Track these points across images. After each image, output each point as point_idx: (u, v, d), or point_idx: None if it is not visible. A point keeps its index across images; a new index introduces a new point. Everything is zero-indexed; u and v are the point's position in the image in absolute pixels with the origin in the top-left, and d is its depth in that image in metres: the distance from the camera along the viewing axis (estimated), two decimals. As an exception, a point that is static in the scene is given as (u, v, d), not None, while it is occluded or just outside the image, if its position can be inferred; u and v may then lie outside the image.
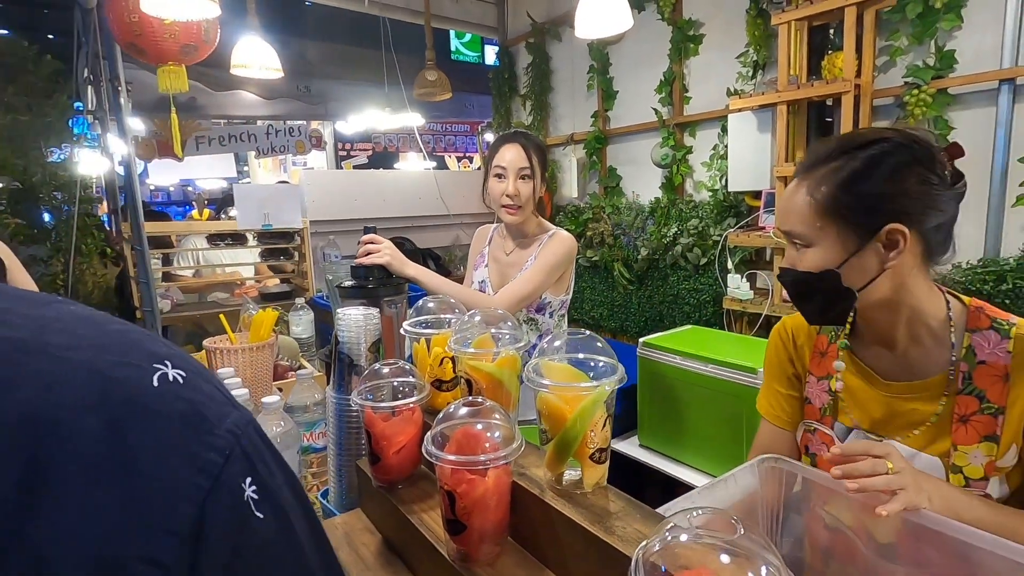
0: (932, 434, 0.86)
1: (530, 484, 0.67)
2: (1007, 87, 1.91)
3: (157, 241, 3.18)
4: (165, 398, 0.27)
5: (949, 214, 0.81)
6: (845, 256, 0.81)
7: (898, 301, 0.84)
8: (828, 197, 0.81)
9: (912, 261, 0.82)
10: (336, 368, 0.95)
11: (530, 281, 1.49)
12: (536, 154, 1.53)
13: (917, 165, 0.79)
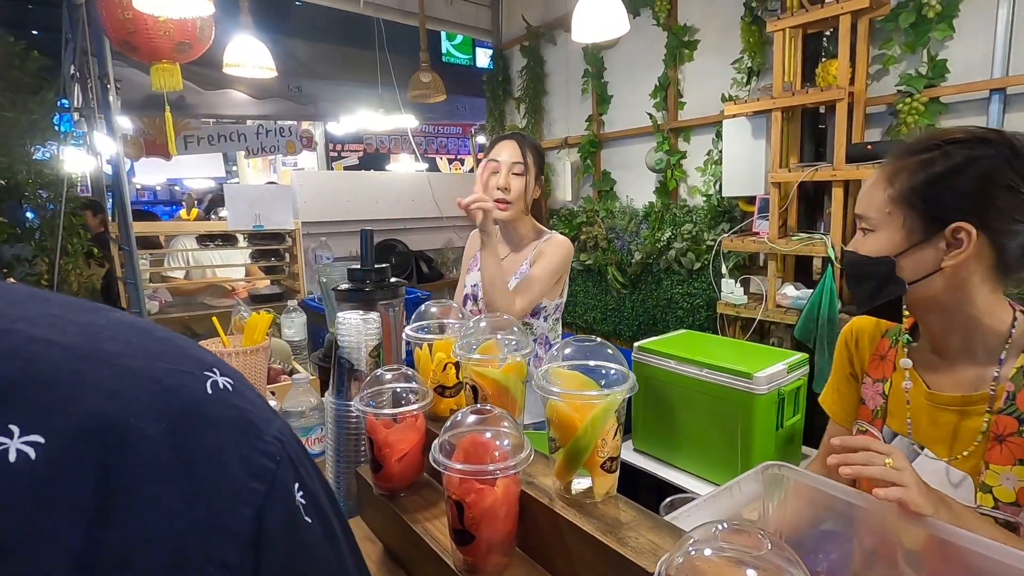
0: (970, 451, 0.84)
1: (539, 493, 0.66)
2: (997, 96, 1.94)
3: (145, 241, 3.14)
4: (219, 405, 0.27)
5: None
6: (906, 246, 0.80)
7: (954, 307, 0.82)
8: (905, 186, 0.80)
9: (979, 269, 0.79)
10: (335, 373, 0.94)
11: (538, 284, 1.50)
12: (531, 152, 1.54)
13: (1009, 170, 0.76)
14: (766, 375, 1.88)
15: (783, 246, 2.25)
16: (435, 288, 3.61)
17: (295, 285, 3.12)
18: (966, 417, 0.84)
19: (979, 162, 0.76)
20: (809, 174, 2.15)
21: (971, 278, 0.79)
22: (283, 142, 5.16)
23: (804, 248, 2.20)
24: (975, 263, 0.78)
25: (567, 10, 2.32)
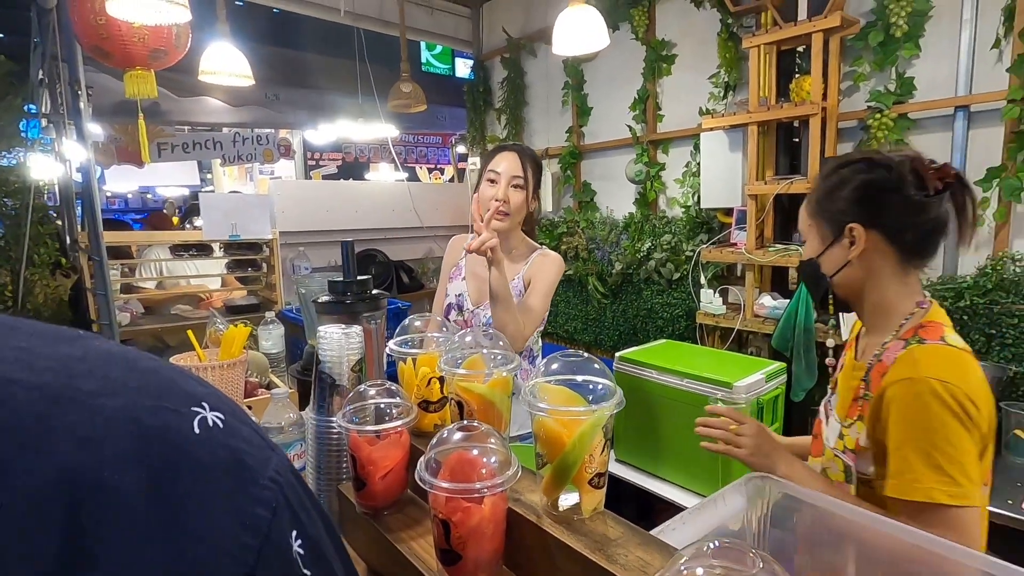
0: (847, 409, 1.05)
1: (526, 510, 0.65)
2: (962, 113, 2.01)
3: (116, 251, 3.05)
4: (208, 447, 0.24)
5: (919, 220, 0.93)
6: (822, 248, 1.01)
7: (868, 291, 0.99)
8: (814, 202, 1.02)
9: (885, 261, 0.96)
10: (316, 388, 0.92)
11: (541, 310, 1.50)
12: (531, 166, 1.55)
13: (877, 179, 0.94)
14: (745, 384, 1.90)
15: (760, 257, 2.30)
16: (415, 298, 3.58)
17: (272, 296, 3.07)
18: (853, 381, 1.02)
19: (861, 176, 0.96)
20: (784, 187, 2.20)
21: (881, 268, 0.96)
22: (260, 150, 5.10)
23: (780, 259, 2.24)
24: (879, 256, 0.96)
25: (547, 23, 2.34)
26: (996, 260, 1.92)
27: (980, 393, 0.85)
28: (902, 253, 0.95)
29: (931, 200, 0.91)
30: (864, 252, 0.95)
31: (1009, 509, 1.47)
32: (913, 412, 0.86)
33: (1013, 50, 1.88)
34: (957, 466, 0.82)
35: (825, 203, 1.00)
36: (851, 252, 0.96)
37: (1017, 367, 1.80)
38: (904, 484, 0.85)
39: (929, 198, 0.91)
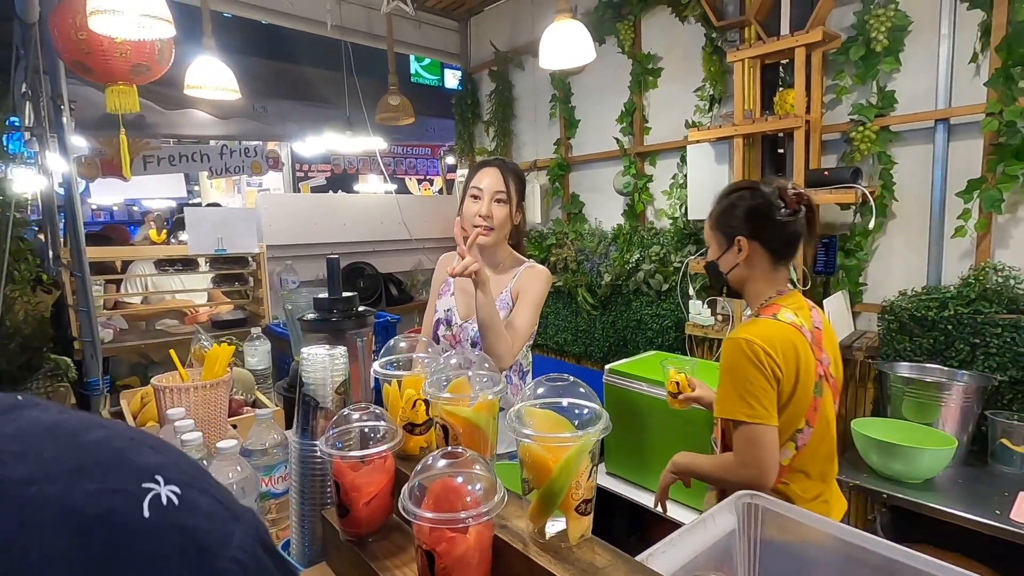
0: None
1: (512, 538, 0.64)
2: (942, 126, 2.04)
3: (100, 266, 3.01)
4: (159, 532, 0.22)
5: (783, 233, 1.24)
6: (719, 254, 1.31)
7: (747, 284, 1.30)
8: (713, 219, 1.32)
9: (761, 261, 1.27)
10: (300, 411, 0.90)
11: (528, 326, 1.50)
12: (514, 180, 1.55)
13: (756, 204, 1.25)
14: (735, 397, 1.90)
15: (747, 268, 2.30)
16: (405, 311, 3.56)
17: (259, 310, 3.03)
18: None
19: (746, 202, 1.26)
20: (770, 198, 2.22)
21: (758, 266, 1.27)
22: (248, 162, 5.07)
23: (767, 270, 2.26)
24: (758, 258, 1.27)
25: (534, 36, 2.36)
26: (979, 270, 1.94)
27: (779, 350, 1.16)
28: (773, 256, 1.27)
29: (792, 218, 1.23)
30: (748, 256, 1.27)
31: (997, 520, 1.48)
32: (727, 360, 1.20)
33: (990, 64, 1.92)
34: (753, 397, 1.15)
35: (721, 220, 1.30)
36: (739, 257, 1.27)
37: (1001, 376, 1.82)
38: (720, 407, 1.20)
39: (790, 216, 1.23)
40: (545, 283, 1.55)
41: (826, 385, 1.23)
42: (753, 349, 1.14)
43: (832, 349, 1.30)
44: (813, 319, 1.27)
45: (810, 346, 1.20)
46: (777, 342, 1.16)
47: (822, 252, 2.19)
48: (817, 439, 1.22)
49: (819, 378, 1.21)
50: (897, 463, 1.69)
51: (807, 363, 1.18)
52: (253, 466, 1.06)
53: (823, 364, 1.23)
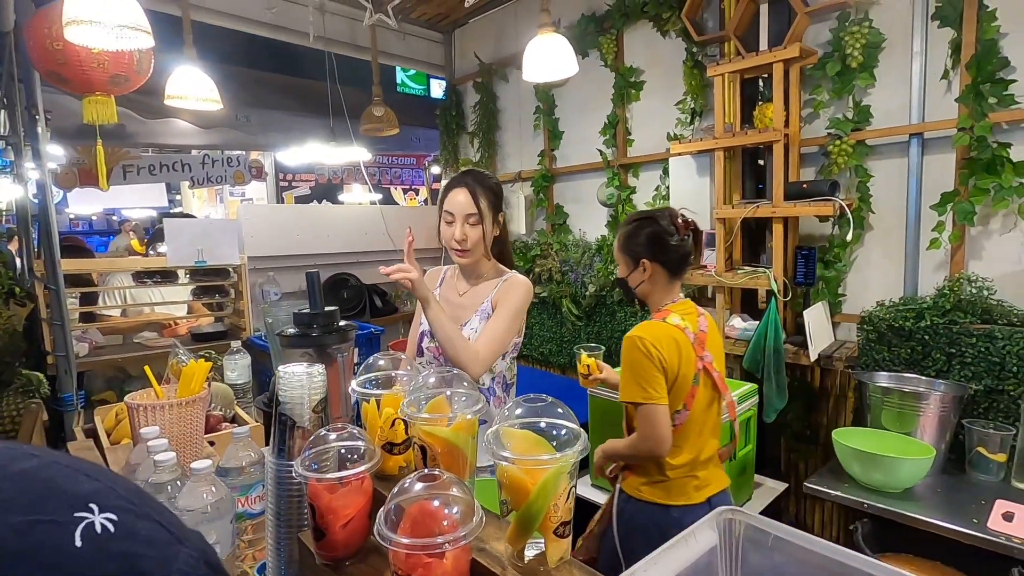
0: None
1: (491, 561, 0.63)
2: (916, 140, 2.09)
3: (77, 278, 2.95)
4: (92, 561, 0.21)
5: (676, 254, 1.51)
6: (627, 273, 1.57)
7: (650, 296, 1.56)
8: (619, 243, 1.57)
9: (660, 277, 1.52)
10: (276, 431, 0.88)
11: (503, 335, 1.49)
12: (485, 197, 1.52)
13: (654, 230, 1.50)
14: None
15: (729, 279, 2.33)
16: (389, 322, 3.54)
17: (240, 322, 2.99)
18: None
19: (646, 229, 1.51)
20: (751, 211, 2.25)
21: (658, 282, 1.53)
22: (231, 172, 5.01)
23: (749, 281, 2.28)
24: (658, 276, 1.52)
25: (518, 49, 2.37)
26: (953, 281, 1.98)
27: (663, 345, 1.41)
28: (669, 273, 1.52)
29: (683, 241, 1.50)
30: (651, 275, 1.52)
31: (974, 528, 1.49)
32: (625, 355, 1.45)
33: (961, 81, 1.97)
34: (646, 382, 1.40)
35: (627, 244, 1.55)
36: (644, 275, 1.53)
37: (977, 386, 1.85)
38: (623, 393, 1.46)
39: (681, 240, 1.50)
40: (524, 293, 1.54)
41: (705, 377, 1.49)
42: (644, 344, 1.41)
43: (715, 348, 1.55)
44: (699, 324, 1.53)
45: (692, 344, 1.46)
46: (662, 339, 1.42)
47: (802, 263, 2.22)
48: (692, 420, 1.48)
49: (698, 371, 1.47)
50: (877, 473, 1.71)
51: (687, 357, 1.45)
52: (229, 485, 1.03)
53: (704, 360, 1.49)
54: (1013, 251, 1.94)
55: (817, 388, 2.31)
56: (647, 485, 1.49)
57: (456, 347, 1.40)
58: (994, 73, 1.89)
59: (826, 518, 2.32)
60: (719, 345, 1.60)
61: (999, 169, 1.88)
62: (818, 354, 2.14)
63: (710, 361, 1.49)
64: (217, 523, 0.94)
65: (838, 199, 2.08)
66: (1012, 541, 1.43)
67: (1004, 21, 1.87)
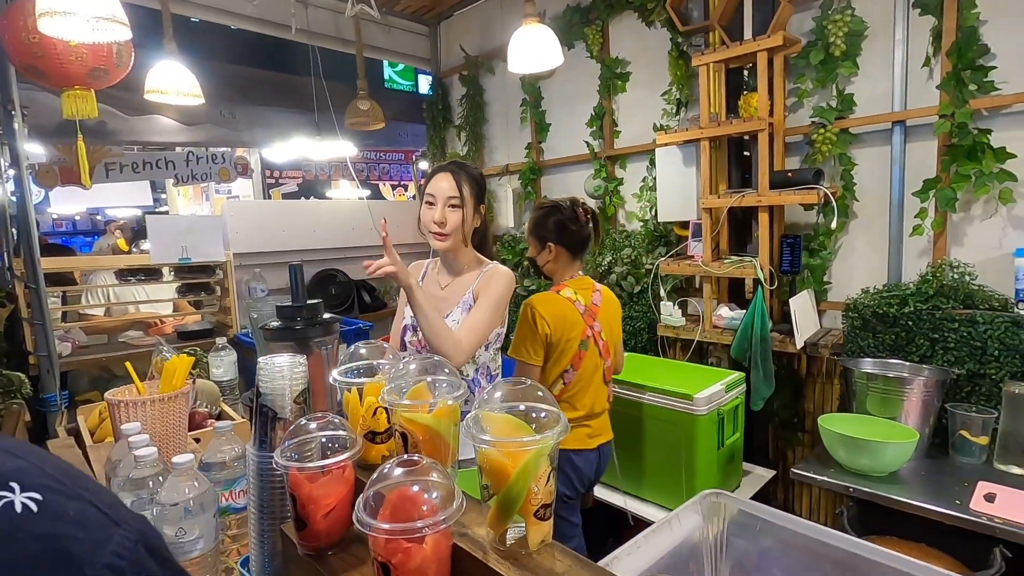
0: None
1: (472, 546, 0.63)
2: (899, 128, 2.10)
3: (59, 277, 2.90)
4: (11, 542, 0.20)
5: (578, 238, 1.79)
6: (536, 253, 1.84)
7: (555, 272, 1.84)
8: (532, 228, 1.84)
9: (563, 256, 1.80)
10: (257, 422, 0.87)
11: (486, 324, 1.49)
12: (468, 184, 1.52)
13: (559, 218, 1.78)
14: (705, 396, 1.92)
15: (716, 269, 2.34)
16: (378, 318, 3.52)
17: (227, 320, 2.96)
18: None
19: (551, 216, 1.79)
20: (737, 200, 2.26)
21: (562, 260, 1.81)
22: (216, 169, 4.95)
23: (736, 270, 2.29)
24: (562, 256, 1.80)
25: (504, 41, 2.36)
26: (936, 267, 2.00)
27: (549, 314, 1.68)
28: (570, 253, 1.80)
29: (582, 226, 1.78)
30: (556, 255, 1.79)
31: (957, 509, 1.52)
32: (520, 315, 1.70)
33: (942, 68, 1.98)
34: (524, 345, 1.69)
35: (536, 229, 1.81)
36: (550, 256, 1.80)
37: (959, 370, 1.87)
38: (511, 350, 1.73)
39: (582, 226, 1.78)
40: (506, 283, 1.54)
41: (593, 344, 1.75)
42: (532, 313, 1.68)
43: (606, 321, 1.80)
44: (593, 298, 1.79)
45: (580, 315, 1.73)
46: (551, 310, 1.70)
47: (787, 252, 2.24)
48: (581, 379, 1.74)
49: (586, 338, 1.74)
50: (863, 457, 1.72)
51: (573, 325, 1.72)
52: (213, 480, 1.02)
53: (594, 330, 1.76)
54: (994, 237, 1.96)
55: (804, 375, 2.33)
56: None
57: (439, 335, 1.39)
58: (974, 60, 1.90)
59: (814, 503, 2.34)
60: (614, 317, 1.87)
61: (980, 155, 1.90)
62: (804, 342, 2.16)
63: (599, 331, 1.77)
64: (200, 517, 0.93)
65: (823, 187, 2.09)
66: (994, 521, 1.45)
67: (984, 8, 1.89)
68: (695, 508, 0.91)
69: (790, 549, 0.92)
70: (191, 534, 0.91)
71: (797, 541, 0.91)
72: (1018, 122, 1.89)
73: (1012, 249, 1.87)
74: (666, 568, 0.83)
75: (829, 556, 0.86)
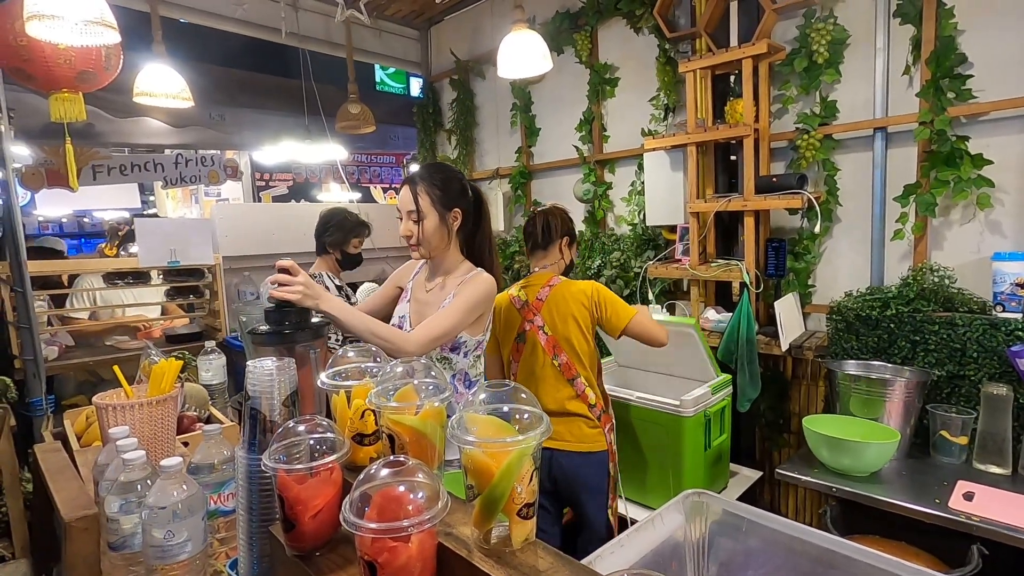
0: None
1: (457, 545, 0.64)
2: (880, 134, 2.14)
3: (45, 281, 2.88)
4: None
5: (528, 237, 1.95)
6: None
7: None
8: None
9: (529, 256, 1.95)
10: (247, 425, 0.88)
11: (447, 319, 1.46)
12: (427, 193, 1.51)
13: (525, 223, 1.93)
14: (692, 398, 1.95)
15: (703, 272, 2.37)
16: (368, 321, 3.51)
17: (216, 323, 2.96)
18: None
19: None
20: (723, 204, 2.29)
21: (529, 260, 1.94)
22: (205, 172, 4.91)
23: (723, 274, 2.32)
24: (528, 255, 1.93)
25: (494, 46, 2.38)
26: (917, 271, 2.04)
27: (495, 309, 1.71)
28: (529, 251, 1.95)
29: (531, 226, 1.94)
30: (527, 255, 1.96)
31: (936, 508, 1.55)
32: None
33: (921, 76, 2.03)
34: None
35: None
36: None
37: (939, 372, 1.91)
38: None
39: (531, 226, 1.94)
40: (483, 290, 1.51)
41: (534, 336, 1.78)
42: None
43: (548, 315, 1.78)
44: (539, 294, 1.80)
45: (517, 310, 1.81)
46: (495, 304, 1.73)
47: (773, 256, 2.27)
48: (521, 371, 1.81)
49: (524, 331, 1.79)
50: (845, 458, 1.75)
51: (508, 319, 1.83)
52: (202, 484, 1.03)
53: (534, 324, 1.78)
54: (972, 241, 2.01)
55: (789, 377, 2.36)
56: None
57: (382, 337, 1.35)
58: (952, 68, 1.95)
59: (799, 504, 2.37)
60: (568, 313, 1.78)
61: (958, 162, 1.94)
62: (789, 344, 2.19)
63: (539, 325, 1.78)
64: (188, 520, 0.94)
65: (807, 192, 2.13)
66: (972, 519, 1.48)
67: (961, 18, 1.94)
68: (678, 508, 0.93)
69: (773, 548, 0.94)
70: (179, 537, 0.92)
71: (780, 540, 0.93)
72: (995, 129, 1.93)
73: (990, 253, 1.92)
74: (649, 567, 0.84)
75: (808, 553, 0.88)
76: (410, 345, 1.39)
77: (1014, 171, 1.92)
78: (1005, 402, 1.71)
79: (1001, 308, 1.83)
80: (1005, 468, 1.71)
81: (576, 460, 1.75)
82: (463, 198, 1.58)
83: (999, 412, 1.72)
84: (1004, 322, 1.79)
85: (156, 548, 0.90)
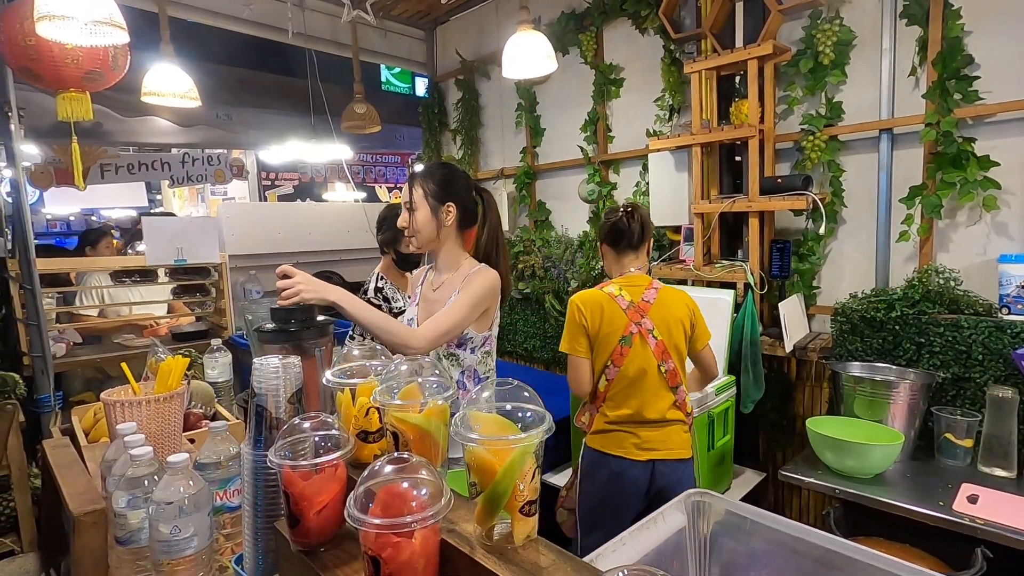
0: None
1: (460, 541, 0.65)
2: (886, 135, 2.14)
3: (53, 278, 2.91)
4: None
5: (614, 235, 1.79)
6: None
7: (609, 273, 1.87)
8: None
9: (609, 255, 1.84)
10: (252, 422, 0.89)
11: (452, 316, 1.47)
12: (421, 186, 1.56)
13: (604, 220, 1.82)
14: (696, 399, 1.95)
15: (708, 273, 2.37)
16: (372, 320, 3.53)
17: (222, 321, 2.98)
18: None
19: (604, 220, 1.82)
20: (728, 205, 2.29)
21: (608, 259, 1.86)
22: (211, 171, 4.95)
23: (727, 274, 2.32)
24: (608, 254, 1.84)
25: (499, 46, 2.39)
26: (922, 273, 2.04)
27: (588, 308, 1.69)
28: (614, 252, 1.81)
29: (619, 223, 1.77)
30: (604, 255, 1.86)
31: (940, 511, 1.54)
32: (567, 314, 1.75)
33: (927, 77, 2.02)
34: (572, 338, 1.71)
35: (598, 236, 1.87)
36: (603, 258, 1.88)
37: (944, 374, 1.90)
38: (561, 345, 1.74)
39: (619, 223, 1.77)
40: (487, 284, 1.52)
41: (638, 340, 1.66)
42: (573, 308, 1.71)
43: (658, 319, 1.68)
44: (644, 296, 1.71)
45: (622, 310, 1.67)
46: (589, 303, 1.70)
47: (777, 257, 2.27)
48: (623, 377, 1.66)
49: (629, 334, 1.65)
50: (849, 459, 1.75)
51: (611, 319, 1.67)
52: (207, 479, 1.04)
53: (641, 326, 1.66)
54: (978, 243, 2.00)
55: (793, 378, 2.36)
56: (594, 434, 1.73)
57: (388, 331, 1.37)
58: (959, 70, 1.94)
59: (803, 505, 2.37)
60: (678, 317, 1.71)
61: (964, 163, 1.94)
62: (793, 345, 2.19)
63: (648, 328, 1.67)
64: (194, 516, 0.95)
65: (811, 193, 2.12)
66: (976, 522, 1.48)
67: (968, 19, 1.93)
68: (679, 507, 0.93)
69: (776, 549, 0.94)
70: (186, 532, 0.93)
71: (782, 541, 0.93)
72: (1001, 131, 1.93)
73: (996, 255, 1.91)
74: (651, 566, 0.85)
75: (810, 554, 0.88)
76: (416, 340, 1.41)
77: (1021, 173, 1.91)
78: (1010, 405, 1.71)
79: (1007, 310, 1.82)
80: (1010, 471, 1.71)
81: (678, 468, 1.70)
82: (461, 195, 1.60)
83: (1004, 415, 1.72)
84: (1010, 324, 1.79)
85: (163, 543, 0.90)
